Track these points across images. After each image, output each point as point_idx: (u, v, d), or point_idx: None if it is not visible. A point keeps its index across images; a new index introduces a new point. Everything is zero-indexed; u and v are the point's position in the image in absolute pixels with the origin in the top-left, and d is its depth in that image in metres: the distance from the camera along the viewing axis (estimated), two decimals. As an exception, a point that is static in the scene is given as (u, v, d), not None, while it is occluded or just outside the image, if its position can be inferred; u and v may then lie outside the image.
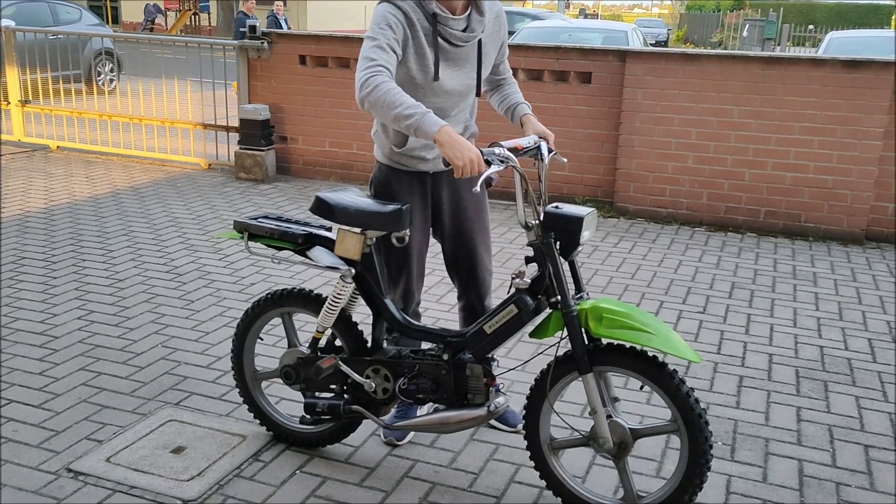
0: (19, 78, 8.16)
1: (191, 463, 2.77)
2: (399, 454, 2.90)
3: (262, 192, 6.74)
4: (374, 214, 2.57)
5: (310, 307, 2.79)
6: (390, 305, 2.70)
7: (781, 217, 5.97)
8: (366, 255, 2.66)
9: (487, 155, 2.28)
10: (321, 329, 2.73)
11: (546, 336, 2.44)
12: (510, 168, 2.33)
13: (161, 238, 5.35)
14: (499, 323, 2.47)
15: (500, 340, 2.49)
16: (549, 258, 2.37)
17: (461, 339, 2.56)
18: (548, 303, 2.44)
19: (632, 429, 2.42)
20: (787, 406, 3.37)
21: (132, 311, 4.10)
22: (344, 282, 2.66)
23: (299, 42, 7.10)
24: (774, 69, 5.76)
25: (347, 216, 2.59)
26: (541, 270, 2.41)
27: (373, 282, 2.68)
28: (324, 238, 2.71)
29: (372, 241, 2.65)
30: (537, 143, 2.52)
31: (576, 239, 2.36)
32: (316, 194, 2.68)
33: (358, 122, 6.97)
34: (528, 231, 2.40)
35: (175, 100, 8.42)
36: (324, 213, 2.64)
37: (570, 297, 2.37)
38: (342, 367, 2.69)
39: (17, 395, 3.21)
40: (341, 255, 2.65)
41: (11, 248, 4.99)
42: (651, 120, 6.10)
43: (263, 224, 2.75)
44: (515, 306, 2.44)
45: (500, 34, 2.78)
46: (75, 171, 7.20)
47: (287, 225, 2.76)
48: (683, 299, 4.58)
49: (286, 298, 2.82)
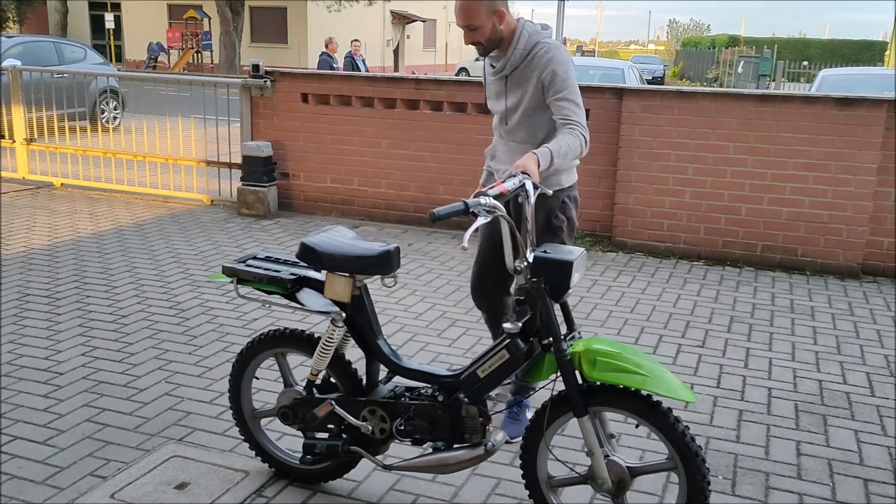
0: (25, 116, 8.27)
1: (194, 499, 2.79)
2: (401, 489, 2.92)
3: (264, 227, 6.80)
4: (361, 259, 2.56)
5: (303, 347, 2.79)
6: (383, 346, 2.70)
7: (778, 251, 6.03)
8: (356, 298, 2.65)
9: (474, 207, 2.26)
10: (315, 372, 2.74)
11: (539, 379, 2.46)
12: (497, 218, 2.32)
13: (164, 274, 5.39)
14: (491, 367, 2.48)
15: (494, 384, 2.51)
16: (540, 302, 2.38)
17: (455, 380, 2.56)
18: (540, 345, 2.45)
19: (629, 467, 2.44)
20: (786, 440, 3.39)
21: (136, 347, 4.13)
22: (335, 325, 2.65)
23: (301, 80, 7.23)
24: (768, 106, 5.87)
25: (334, 262, 2.58)
26: (532, 313, 2.43)
27: (364, 323, 2.68)
28: (313, 280, 2.69)
29: (362, 283, 2.65)
30: (522, 182, 2.49)
31: (566, 283, 2.37)
32: (301, 240, 2.66)
33: (359, 159, 7.07)
34: (517, 275, 2.41)
35: (178, 137, 8.52)
36: (310, 260, 2.63)
37: (562, 342, 2.37)
38: (338, 410, 2.70)
39: (22, 431, 3.23)
40: (331, 297, 2.64)
41: (15, 285, 5.04)
42: (648, 156, 6.19)
43: (252, 270, 2.73)
44: (507, 351, 2.45)
45: (533, 73, 3.04)
46: (79, 208, 7.27)
47: (276, 268, 2.74)
48: (682, 333, 4.62)
49: (279, 339, 2.83)
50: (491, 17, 2.99)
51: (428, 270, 5.69)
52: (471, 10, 2.99)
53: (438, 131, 6.75)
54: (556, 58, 3.02)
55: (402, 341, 4.34)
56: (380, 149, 7.00)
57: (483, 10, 2.97)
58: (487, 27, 3.01)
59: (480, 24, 3.00)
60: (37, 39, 13.14)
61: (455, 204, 2.27)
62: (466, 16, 3.00)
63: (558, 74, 3.01)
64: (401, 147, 6.94)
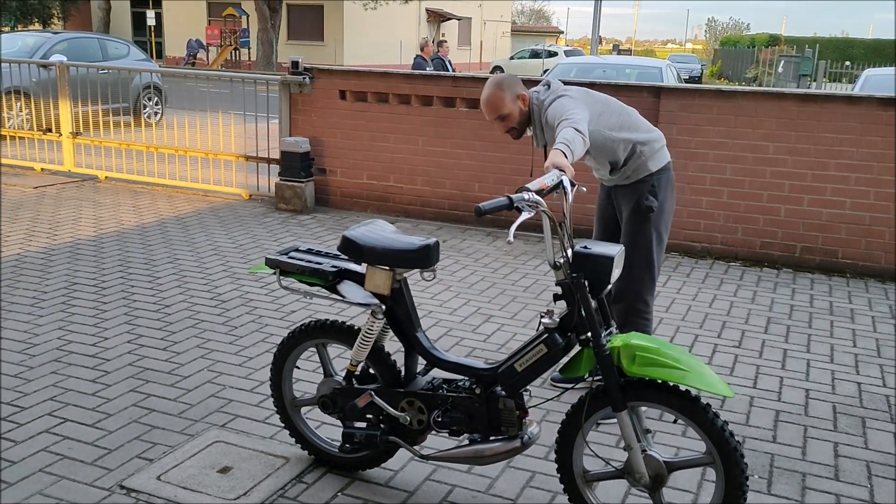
0: (71, 110, 8.48)
1: (237, 483, 2.86)
2: (437, 479, 2.97)
3: (301, 222, 6.90)
4: (401, 252, 2.61)
5: (343, 339, 2.85)
6: (422, 338, 2.74)
7: (818, 253, 5.96)
8: (396, 290, 2.70)
9: (518, 202, 2.30)
10: (354, 363, 2.80)
11: (578, 374, 2.48)
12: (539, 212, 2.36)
13: (205, 266, 5.51)
14: (529, 361, 2.51)
15: (531, 378, 2.54)
16: (579, 297, 2.40)
17: (493, 373, 2.60)
18: (578, 340, 2.48)
19: (667, 462, 2.45)
20: (824, 441, 3.37)
21: (179, 336, 4.24)
22: (374, 317, 2.71)
23: (339, 77, 7.31)
24: (810, 106, 5.81)
25: (375, 256, 2.64)
26: (570, 308, 2.45)
27: (403, 316, 2.72)
28: (354, 272, 2.75)
29: (402, 276, 2.70)
30: (559, 178, 2.51)
31: (606, 279, 2.39)
32: (343, 234, 2.72)
33: (395, 156, 7.13)
34: (556, 270, 2.44)
35: (218, 132, 8.67)
36: (351, 253, 2.69)
37: (601, 337, 2.39)
38: (377, 401, 2.76)
39: (72, 414, 3.34)
40: (371, 290, 2.70)
41: (64, 274, 5.18)
42: (685, 155, 6.16)
43: (294, 261, 2.79)
44: (545, 345, 2.48)
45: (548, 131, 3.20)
46: (123, 201, 7.44)
47: (318, 260, 2.80)
48: (718, 333, 4.60)
49: (319, 330, 2.89)
50: (516, 102, 3.20)
51: (463, 267, 5.74)
52: (497, 102, 3.19)
53: (474, 129, 6.78)
54: (548, 111, 3.16)
55: (437, 336, 4.38)
56: (416, 146, 7.06)
57: (508, 99, 3.17)
58: (516, 113, 3.21)
59: (509, 112, 3.19)
60: (82, 36, 13.43)
61: (500, 199, 2.31)
62: (494, 108, 3.19)
63: (557, 117, 3.09)
64: (437, 144, 6.99)
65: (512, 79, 3.24)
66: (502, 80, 3.21)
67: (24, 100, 10.15)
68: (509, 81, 3.21)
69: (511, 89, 3.18)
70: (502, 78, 3.23)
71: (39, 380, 3.64)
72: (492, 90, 3.18)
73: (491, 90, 3.18)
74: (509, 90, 3.17)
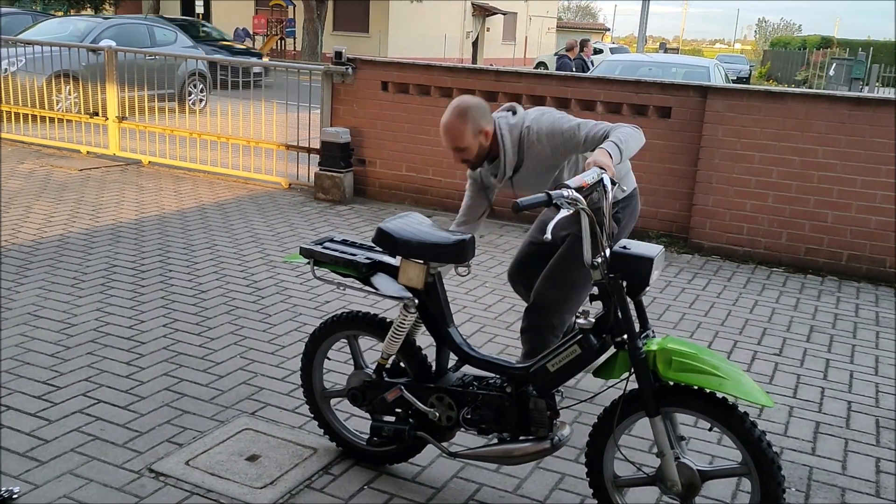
0: (118, 95, 8.60)
1: (264, 471, 2.86)
2: (465, 476, 2.93)
3: (338, 212, 6.91)
4: (436, 247, 2.59)
5: (374, 331, 2.84)
6: (454, 334, 2.72)
7: (865, 261, 5.79)
8: (429, 285, 2.67)
9: (556, 199, 2.26)
10: (385, 356, 2.78)
11: (612, 377, 2.42)
12: (578, 210, 2.31)
13: (242, 253, 5.54)
14: (562, 362, 2.46)
15: (563, 378, 2.50)
16: (616, 298, 2.35)
17: (525, 372, 2.56)
18: (613, 342, 2.42)
19: (700, 471, 2.39)
20: (865, 456, 3.26)
21: (213, 322, 4.26)
22: (407, 311, 2.68)
23: (382, 68, 7.30)
24: (862, 110, 5.63)
25: (410, 249, 2.62)
26: (606, 309, 2.40)
27: (436, 311, 2.70)
28: (388, 265, 2.74)
29: (436, 270, 2.68)
30: (600, 176, 2.46)
31: (645, 280, 2.33)
32: (378, 226, 2.70)
33: (435, 149, 7.10)
34: (593, 270, 2.38)
35: (261, 121, 8.73)
36: (386, 246, 2.67)
37: (637, 339, 2.34)
38: (406, 395, 2.73)
39: (106, 395, 3.37)
40: (405, 283, 2.68)
41: (104, 256, 5.26)
42: (731, 157, 6.03)
43: (329, 252, 2.78)
44: (579, 346, 2.43)
45: (540, 154, 3.00)
46: (165, 186, 7.53)
47: (352, 251, 2.79)
48: (759, 340, 4.49)
49: (352, 322, 2.87)
50: (477, 137, 2.93)
51: (499, 263, 5.69)
52: (457, 133, 2.91)
53: (516, 124, 6.71)
54: (543, 129, 2.97)
55: (470, 332, 4.35)
56: (456, 139, 7.01)
57: (469, 133, 2.91)
58: (475, 148, 2.95)
59: (467, 146, 2.94)
60: (131, 21, 13.63)
61: (538, 195, 2.27)
62: (452, 138, 2.94)
63: (563, 134, 2.95)
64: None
65: (478, 110, 2.91)
66: (467, 110, 2.89)
67: (73, 83, 10.33)
68: (474, 114, 2.89)
69: (474, 123, 2.89)
70: (467, 107, 2.90)
71: (75, 360, 3.69)
72: (452, 118, 2.90)
73: (451, 118, 2.90)
74: (472, 123, 2.89)
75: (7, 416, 3.15)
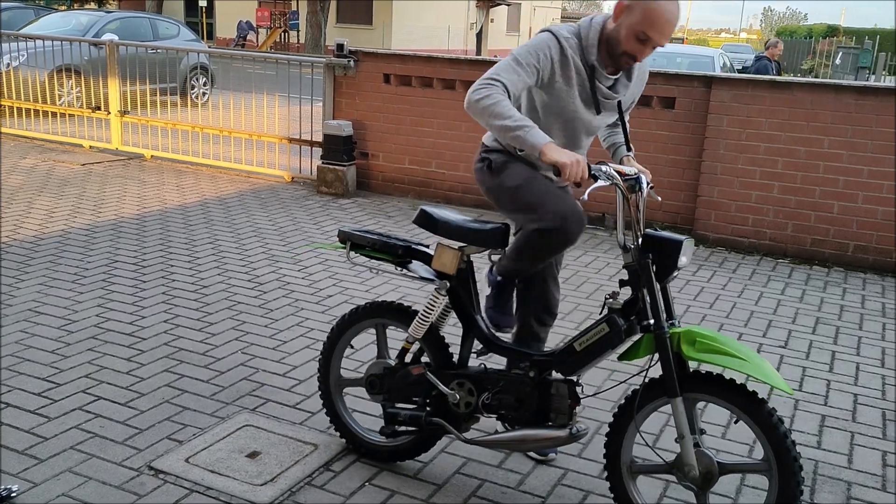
0: (119, 89, 8.58)
1: (264, 468, 2.85)
2: (467, 472, 2.91)
3: (341, 206, 6.88)
4: (474, 231, 2.68)
5: (403, 320, 2.85)
6: (481, 322, 2.75)
7: (872, 252, 5.74)
8: (461, 271, 2.73)
9: (595, 170, 2.33)
10: (411, 340, 2.79)
11: (636, 358, 2.44)
12: (613, 187, 2.36)
13: (244, 247, 5.52)
14: (589, 341, 2.48)
15: (589, 359, 2.50)
16: (645, 280, 2.38)
17: (548, 357, 2.58)
18: (639, 326, 2.44)
19: (719, 462, 2.37)
20: (871, 450, 3.23)
21: (215, 318, 4.25)
22: (438, 294, 2.73)
23: (384, 61, 7.25)
24: (868, 99, 5.57)
25: (449, 230, 2.71)
26: (634, 294, 2.42)
27: (465, 297, 2.75)
28: (421, 253, 2.80)
29: (468, 257, 2.73)
30: (637, 175, 2.53)
31: (673, 263, 2.36)
32: (421, 207, 2.80)
33: (437, 141, 7.06)
34: (625, 253, 2.42)
35: (263, 114, 8.70)
36: (426, 225, 2.75)
37: (663, 320, 2.36)
38: (429, 376, 2.74)
39: (106, 392, 3.36)
40: (437, 269, 2.73)
41: (105, 251, 5.24)
42: (735, 147, 5.98)
43: (366, 235, 2.85)
44: (607, 325, 2.45)
45: (638, 92, 2.90)
46: (167, 180, 7.51)
47: (387, 237, 2.86)
48: (764, 332, 4.45)
49: (384, 310, 2.89)
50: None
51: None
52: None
53: (519, 116, 6.67)
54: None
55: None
56: (459, 132, 6.98)
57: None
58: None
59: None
60: (134, 15, 13.60)
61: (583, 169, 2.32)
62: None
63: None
64: (481, 130, 6.88)
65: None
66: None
67: (75, 78, 10.31)
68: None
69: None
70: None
71: (76, 356, 3.67)
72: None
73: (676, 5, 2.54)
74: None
75: (6, 413, 3.14)
